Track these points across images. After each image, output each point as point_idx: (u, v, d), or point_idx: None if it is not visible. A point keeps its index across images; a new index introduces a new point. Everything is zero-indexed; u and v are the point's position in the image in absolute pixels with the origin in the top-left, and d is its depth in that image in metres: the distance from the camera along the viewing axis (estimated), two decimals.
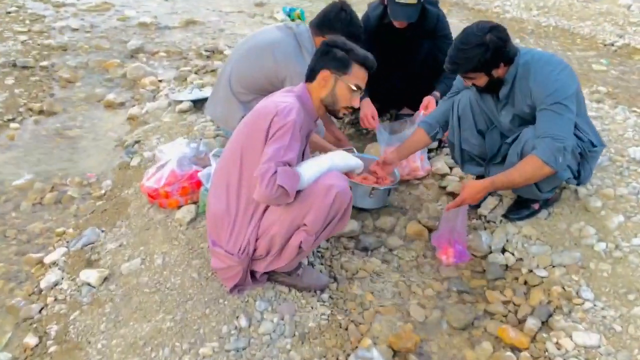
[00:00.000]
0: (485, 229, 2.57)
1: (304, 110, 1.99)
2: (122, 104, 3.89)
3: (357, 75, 1.99)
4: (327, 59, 2.01)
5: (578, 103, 2.20)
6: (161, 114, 3.55)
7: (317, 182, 1.91)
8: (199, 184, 2.60)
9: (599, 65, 4.35)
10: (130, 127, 3.55)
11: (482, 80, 2.19)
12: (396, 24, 2.96)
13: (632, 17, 5.51)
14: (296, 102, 1.94)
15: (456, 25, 5.46)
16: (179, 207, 2.58)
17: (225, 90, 2.83)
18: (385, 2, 2.95)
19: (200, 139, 3.17)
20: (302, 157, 2.12)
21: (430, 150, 3.20)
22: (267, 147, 1.86)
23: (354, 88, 1.98)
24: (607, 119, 3.21)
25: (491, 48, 2.07)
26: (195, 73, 4.25)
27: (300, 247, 1.96)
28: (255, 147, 1.93)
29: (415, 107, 3.42)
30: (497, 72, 2.18)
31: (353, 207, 2.74)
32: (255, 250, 2.01)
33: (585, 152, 2.30)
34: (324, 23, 2.68)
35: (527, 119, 2.29)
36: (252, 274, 2.10)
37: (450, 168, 3.01)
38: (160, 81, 4.17)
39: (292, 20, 5.59)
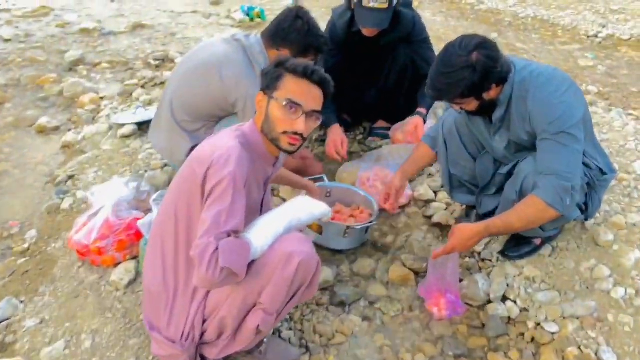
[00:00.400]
0: (480, 269, 2.20)
1: (252, 152, 1.58)
2: (56, 129, 3.38)
3: (290, 88, 1.56)
4: (262, 81, 1.63)
5: (585, 127, 1.84)
6: (100, 141, 3.07)
7: (274, 248, 1.50)
8: (139, 235, 2.17)
9: (585, 61, 4.03)
10: (65, 158, 3.06)
11: (472, 105, 1.82)
12: (365, 31, 2.55)
13: (613, 4, 5.22)
14: (237, 145, 1.52)
15: (429, 19, 5.09)
16: (116, 264, 2.14)
17: (167, 118, 2.39)
18: (352, 7, 2.54)
19: (146, 171, 2.73)
20: (261, 208, 1.73)
21: None
22: (205, 212, 1.44)
23: (284, 103, 1.54)
24: (604, 126, 2.88)
25: (479, 70, 1.69)
26: (142, 87, 3.76)
27: (258, 328, 1.56)
28: (191, 207, 1.53)
29: (391, 120, 3.05)
30: (489, 95, 1.80)
31: (325, 248, 2.37)
32: (203, 333, 1.60)
33: (593, 181, 1.94)
34: (277, 34, 2.25)
35: (525, 146, 1.93)
36: (204, 356, 1.69)
37: (435, 193, 2.64)
38: (101, 98, 3.67)
39: (252, 20, 5.13)
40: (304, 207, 1.67)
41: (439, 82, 1.73)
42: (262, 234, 1.51)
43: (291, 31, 2.22)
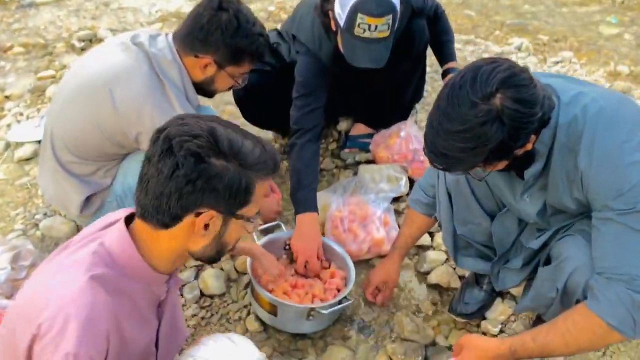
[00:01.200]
0: None
1: (126, 283, 0.95)
2: None
3: (258, 197, 0.98)
4: (204, 189, 0.90)
5: None
6: None
7: None
8: None
9: (607, 27, 3.31)
10: None
11: (499, 166, 1.15)
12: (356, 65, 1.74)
13: None
14: (87, 289, 0.88)
15: None
16: None
17: (50, 158, 1.68)
18: (335, 28, 1.71)
19: (45, 214, 2.05)
20: (157, 345, 1.09)
21: (395, 199, 2.15)
22: None
23: (252, 219, 0.99)
24: None
25: (508, 121, 1.01)
26: (60, 80, 2.99)
27: None
28: None
29: (374, 123, 2.36)
30: (525, 148, 1.12)
31: (285, 332, 1.75)
32: None
33: None
34: (194, 34, 1.53)
35: (570, 213, 1.27)
36: None
37: (431, 235, 1.99)
38: (7, 97, 2.89)
39: None
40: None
41: (449, 147, 1.05)
42: None
43: (212, 30, 1.49)
